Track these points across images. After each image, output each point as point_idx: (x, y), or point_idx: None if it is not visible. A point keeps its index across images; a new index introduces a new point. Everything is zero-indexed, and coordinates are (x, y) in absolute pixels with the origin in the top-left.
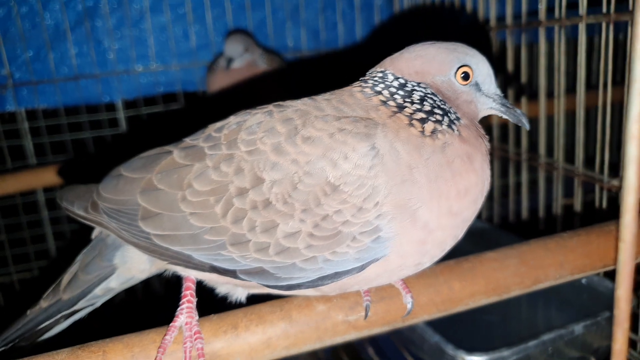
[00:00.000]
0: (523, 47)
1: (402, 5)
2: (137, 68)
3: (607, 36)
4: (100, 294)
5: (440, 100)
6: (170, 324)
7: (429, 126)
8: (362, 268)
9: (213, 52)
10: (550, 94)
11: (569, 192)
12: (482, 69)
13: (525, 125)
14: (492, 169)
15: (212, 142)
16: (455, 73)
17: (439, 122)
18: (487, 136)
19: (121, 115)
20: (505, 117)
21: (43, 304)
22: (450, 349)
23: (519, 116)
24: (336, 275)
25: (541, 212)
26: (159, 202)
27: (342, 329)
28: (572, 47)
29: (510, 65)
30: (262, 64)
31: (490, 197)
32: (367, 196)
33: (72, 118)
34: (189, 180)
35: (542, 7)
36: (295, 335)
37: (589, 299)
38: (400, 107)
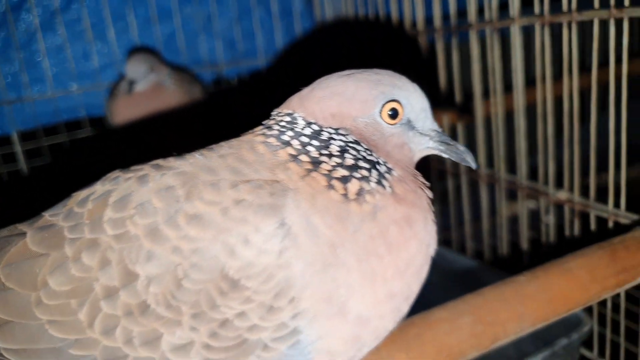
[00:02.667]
0: (455, 51)
1: (323, 13)
2: (32, 95)
3: (542, 38)
4: None
5: (366, 150)
6: None
7: (354, 186)
8: None
9: (119, 71)
10: (487, 96)
11: (514, 198)
12: (414, 102)
13: (471, 165)
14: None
15: (73, 221)
16: (381, 111)
17: (366, 179)
18: (427, 184)
19: (18, 149)
20: (446, 156)
21: None
22: None
23: (462, 154)
24: None
25: (485, 224)
26: (8, 306)
27: None
28: (507, 50)
29: (442, 71)
30: (170, 85)
31: None
32: (279, 291)
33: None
34: (44, 276)
35: (472, 8)
36: None
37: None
38: (316, 163)
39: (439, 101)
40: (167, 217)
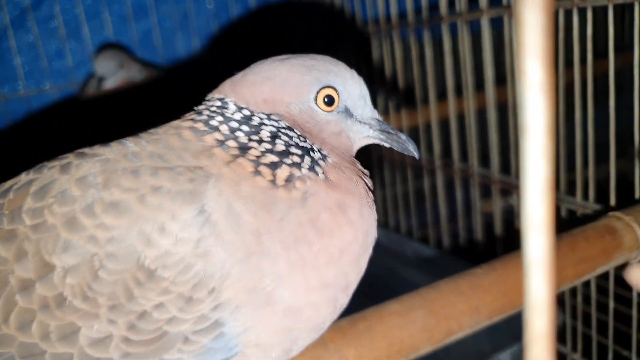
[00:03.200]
0: (428, 45)
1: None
2: (4, 94)
3: (510, 30)
4: None
5: (299, 136)
6: None
7: (283, 172)
8: None
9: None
10: (459, 92)
11: (487, 193)
12: (351, 89)
13: (414, 154)
14: (406, 176)
15: None
16: (316, 98)
17: (297, 165)
18: (366, 172)
19: None
20: (387, 145)
21: None
22: None
23: (404, 143)
24: None
25: (460, 220)
26: None
27: None
28: (478, 43)
29: (415, 66)
30: (140, 81)
31: (406, 205)
32: (198, 281)
33: None
34: None
35: (443, 2)
36: None
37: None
38: (243, 149)
39: (414, 98)
40: (84, 205)
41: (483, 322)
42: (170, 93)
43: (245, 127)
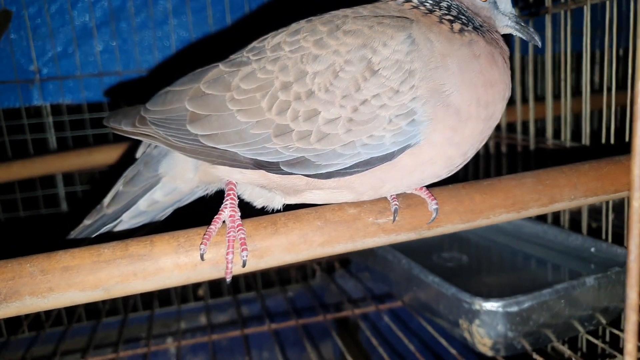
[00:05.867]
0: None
1: None
2: (158, 67)
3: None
4: (144, 208)
5: (466, 10)
6: (215, 217)
7: (457, 26)
8: (395, 155)
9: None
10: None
11: None
12: None
13: (537, 43)
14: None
15: (256, 51)
16: None
17: (465, 24)
18: (506, 48)
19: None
20: (519, 35)
21: (86, 222)
22: (467, 297)
23: (532, 34)
24: (370, 162)
25: None
26: (207, 105)
27: (372, 230)
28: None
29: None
30: None
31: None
32: (404, 79)
33: (95, 114)
34: (236, 82)
35: None
36: (329, 233)
37: (597, 267)
38: (431, 11)
39: None
40: (329, 34)
41: (579, 197)
42: None
43: (430, 0)
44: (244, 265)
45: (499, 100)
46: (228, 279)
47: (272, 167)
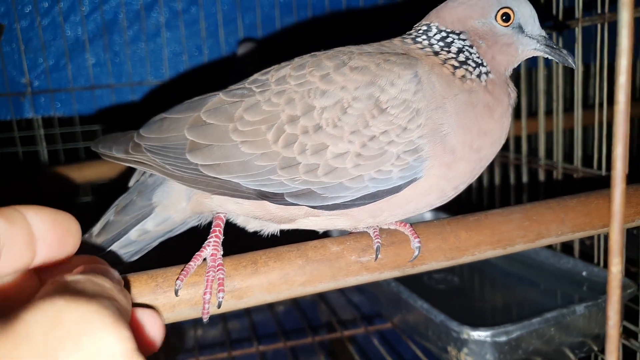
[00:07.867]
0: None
1: None
2: (151, 80)
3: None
4: (134, 238)
5: (476, 55)
6: (196, 253)
7: (460, 72)
8: (401, 188)
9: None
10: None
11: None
12: (523, 10)
13: (572, 65)
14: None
15: (259, 83)
16: (496, 15)
17: (470, 72)
18: (515, 90)
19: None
20: (550, 57)
21: None
22: (455, 326)
23: (565, 56)
24: (378, 195)
25: None
26: (208, 135)
27: (355, 269)
28: None
29: None
30: None
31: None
32: (411, 118)
33: (87, 127)
34: (240, 113)
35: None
36: (310, 272)
37: (589, 290)
38: (436, 53)
39: None
40: (336, 69)
41: (567, 233)
42: None
43: (440, 43)
44: (219, 307)
45: (491, 146)
46: (205, 319)
47: (276, 198)
